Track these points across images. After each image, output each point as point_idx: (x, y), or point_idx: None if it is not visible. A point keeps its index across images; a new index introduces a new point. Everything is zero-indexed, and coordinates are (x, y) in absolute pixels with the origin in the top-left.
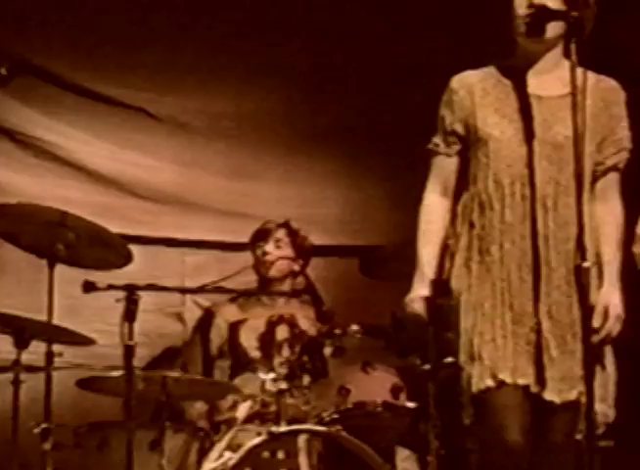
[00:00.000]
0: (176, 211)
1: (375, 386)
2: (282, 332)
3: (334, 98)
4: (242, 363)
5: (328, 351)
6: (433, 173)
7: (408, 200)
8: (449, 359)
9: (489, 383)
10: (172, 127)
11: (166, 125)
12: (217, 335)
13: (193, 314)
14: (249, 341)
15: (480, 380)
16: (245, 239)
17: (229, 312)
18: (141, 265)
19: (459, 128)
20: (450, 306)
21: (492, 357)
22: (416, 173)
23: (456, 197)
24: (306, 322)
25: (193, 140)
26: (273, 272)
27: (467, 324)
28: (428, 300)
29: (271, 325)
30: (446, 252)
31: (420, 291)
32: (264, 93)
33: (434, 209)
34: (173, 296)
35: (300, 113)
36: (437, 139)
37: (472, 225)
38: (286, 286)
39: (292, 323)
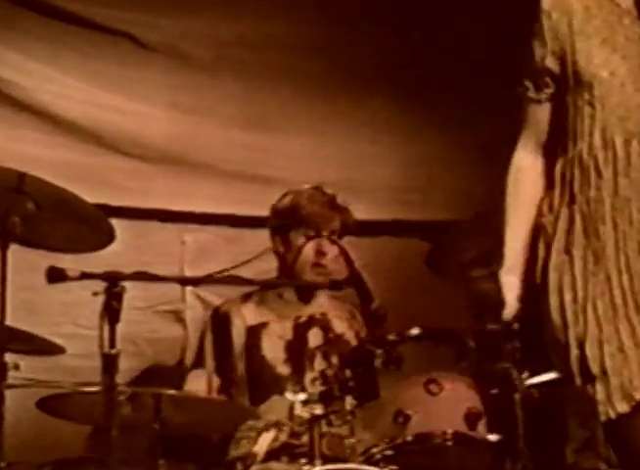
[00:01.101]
0: (173, 173)
1: (443, 411)
2: (314, 338)
3: (385, 22)
4: (265, 382)
5: (379, 363)
6: (524, 125)
7: (490, 158)
8: (551, 375)
9: (623, 407)
10: (168, 59)
11: (160, 57)
12: (237, 340)
13: (195, 314)
14: (274, 352)
15: (607, 404)
16: (264, 211)
17: (246, 313)
18: (127, 247)
19: (552, 65)
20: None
21: (622, 373)
22: (500, 123)
23: (552, 156)
24: (341, 324)
25: (195, 77)
26: (327, 277)
27: (577, 332)
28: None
29: (301, 329)
30: (540, 233)
31: (505, 275)
32: (293, 13)
33: (524, 172)
34: (170, 288)
35: (341, 41)
36: (526, 81)
37: (572, 199)
38: (314, 271)
39: (325, 326)
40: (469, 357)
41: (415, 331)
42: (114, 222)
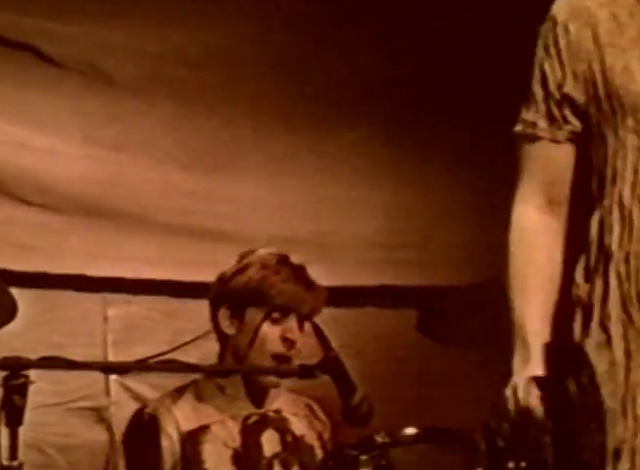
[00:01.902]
0: (93, 228)
1: None
2: (269, 443)
3: (369, 28)
4: None
5: None
6: (524, 173)
7: (495, 212)
8: None
9: None
10: (83, 79)
11: (72, 75)
12: (170, 451)
13: (123, 411)
14: (220, 464)
15: None
16: (211, 276)
17: (179, 414)
18: (32, 324)
19: (574, 91)
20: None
21: None
22: (511, 166)
23: (580, 210)
24: (300, 423)
25: (120, 103)
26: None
27: (625, 433)
28: (542, 381)
29: (251, 432)
30: (575, 310)
31: (527, 370)
32: (246, 19)
33: (531, 232)
34: (89, 378)
35: (311, 54)
36: (533, 114)
37: (608, 258)
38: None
39: (281, 427)
40: (482, 465)
41: (410, 431)
42: (16, 293)
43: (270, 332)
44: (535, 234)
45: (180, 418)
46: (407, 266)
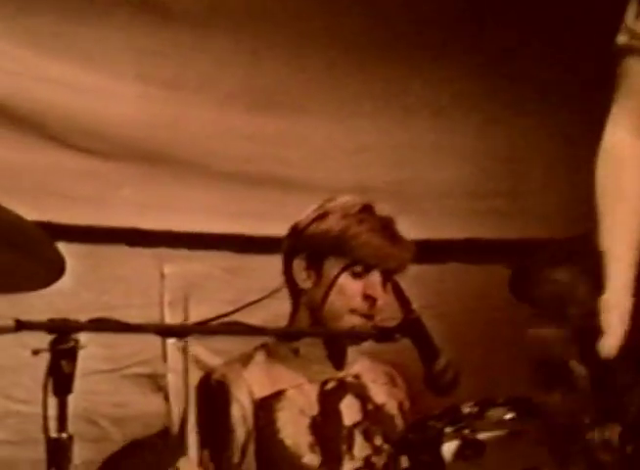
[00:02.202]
0: (147, 177)
1: None
2: (349, 411)
3: None
4: None
5: (451, 448)
6: (623, 90)
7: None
8: None
9: None
10: (137, 13)
11: (125, 9)
12: (241, 421)
13: (182, 378)
14: (297, 433)
15: None
16: (280, 230)
17: (251, 380)
18: (81, 283)
19: None
20: None
21: None
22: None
23: None
24: (380, 391)
25: (178, 38)
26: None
27: None
28: None
29: (330, 399)
30: None
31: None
32: None
33: (625, 159)
34: (145, 342)
35: None
36: (633, 22)
37: None
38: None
39: (361, 393)
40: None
41: (501, 401)
42: (63, 248)
43: (350, 286)
44: (626, 159)
45: (252, 384)
46: (497, 217)
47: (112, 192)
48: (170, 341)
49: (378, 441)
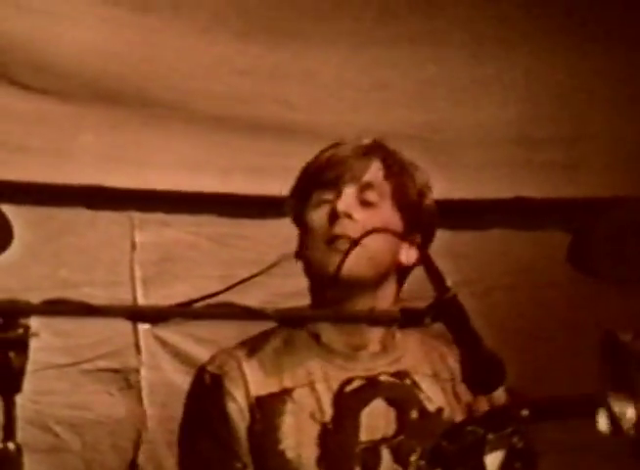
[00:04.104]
0: (112, 121)
1: None
2: (377, 420)
3: None
4: None
5: (495, 460)
6: None
7: None
8: None
9: None
10: None
11: None
12: (240, 419)
13: (158, 374)
14: (301, 445)
15: None
16: (279, 187)
17: (252, 372)
18: (32, 255)
19: None
20: None
21: None
22: None
23: None
24: (438, 389)
25: None
26: (357, 267)
27: None
28: None
29: (349, 403)
30: None
31: None
32: None
33: None
34: (112, 329)
35: None
36: None
37: None
38: (380, 300)
39: (401, 396)
40: None
41: (559, 401)
42: (9, 211)
43: (317, 216)
44: None
45: (252, 379)
46: (551, 171)
47: (70, 142)
48: (143, 327)
49: (414, 457)
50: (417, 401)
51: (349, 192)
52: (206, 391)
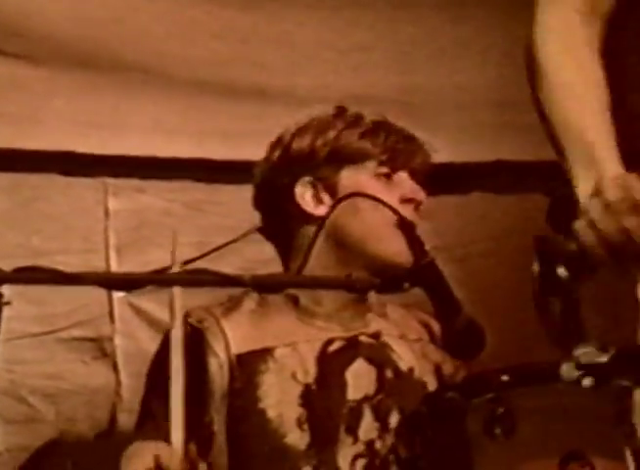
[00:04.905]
0: (84, 85)
1: None
2: (359, 380)
3: None
4: (264, 459)
5: (475, 425)
6: None
7: None
8: None
9: None
10: None
11: None
12: (219, 378)
13: (132, 342)
14: (282, 404)
15: None
16: (255, 152)
17: (231, 331)
18: (2, 223)
19: None
20: None
21: None
22: None
23: None
24: (410, 350)
25: None
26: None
27: None
28: None
29: (333, 363)
30: None
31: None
32: None
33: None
34: (86, 297)
35: None
36: None
37: None
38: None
39: (379, 356)
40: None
41: (540, 367)
42: None
43: (382, 192)
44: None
45: (232, 337)
46: (532, 134)
47: (42, 107)
48: (118, 295)
49: (393, 419)
50: (391, 361)
51: (407, 178)
52: (186, 341)
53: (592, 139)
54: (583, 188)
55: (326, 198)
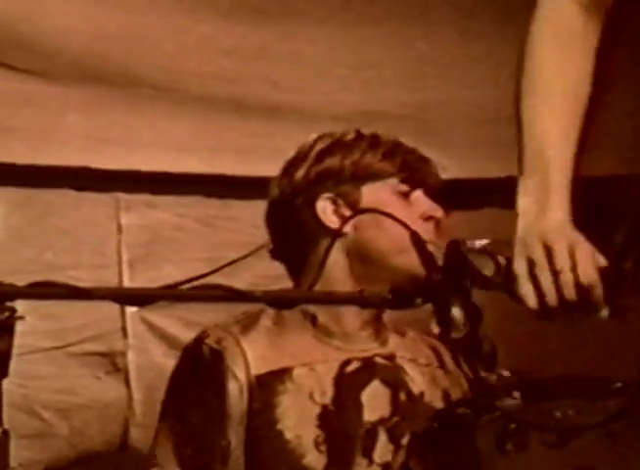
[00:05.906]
0: (97, 101)
1: None
2: (374, 402)
3: None
4: None
5: (487, 440)
6: None
7: None
8: None
9: None
10: None
11: None
12: (238, 401)
13: (145, 357)
14: (300, 425)
15: None
16: (266, 168)
17: (251, 352)
18: (16, 238)
19: None
20: None
21: None
22: None
23: None
24: (420, 374)
25: None
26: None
27: None
28: None
29: (349, 385)
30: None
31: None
32: None
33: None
34: (99, 312)
35: None
36: None
37: None
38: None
39: (394, 379)
40: None
41: (554, 383)
42: None
43: (404, 210)
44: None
45: (251, 356)
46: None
47: (55, 122)
48: (130, 310)
49: (407, 442)
50: (405, 384)
51: (423, 196)
52: (205, 364)
53: (549, 159)
54: (524, 208)
55: (347, 213)
